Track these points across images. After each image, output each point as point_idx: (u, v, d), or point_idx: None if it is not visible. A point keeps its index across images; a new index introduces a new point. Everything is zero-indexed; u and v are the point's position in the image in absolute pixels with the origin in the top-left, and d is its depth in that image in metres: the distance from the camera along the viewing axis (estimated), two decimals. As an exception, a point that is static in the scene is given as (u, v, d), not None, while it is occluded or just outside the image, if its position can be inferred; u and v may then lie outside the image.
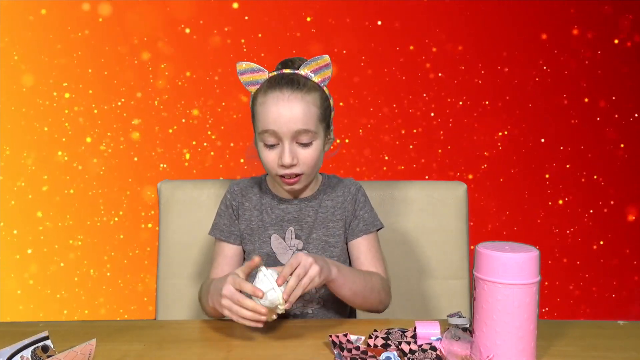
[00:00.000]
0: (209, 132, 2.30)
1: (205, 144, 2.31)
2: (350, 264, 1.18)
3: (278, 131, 1.03)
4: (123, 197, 2.31)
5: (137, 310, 2.30)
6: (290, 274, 0.91)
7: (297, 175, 1.07)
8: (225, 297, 0.91)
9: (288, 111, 1.02)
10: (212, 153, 2.31)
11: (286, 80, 1.04)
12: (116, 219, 2.32)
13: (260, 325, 0.90)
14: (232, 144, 2.30)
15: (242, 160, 1.21)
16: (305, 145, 1.05)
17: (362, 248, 1.15)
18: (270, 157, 1.06)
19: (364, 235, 1.15)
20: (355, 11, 2.26)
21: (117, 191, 2.31)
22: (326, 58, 1.06)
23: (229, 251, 1.16)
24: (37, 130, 2.28)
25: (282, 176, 1.07)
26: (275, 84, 1.04)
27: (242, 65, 1.07)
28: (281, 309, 0.91)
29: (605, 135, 2.29)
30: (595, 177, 2.30)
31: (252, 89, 1.08)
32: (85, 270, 2.32)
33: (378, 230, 1.18)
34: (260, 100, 1.06)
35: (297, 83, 1.04)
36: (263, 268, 0.92)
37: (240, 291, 0.91)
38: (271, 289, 0.89)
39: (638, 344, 0.93)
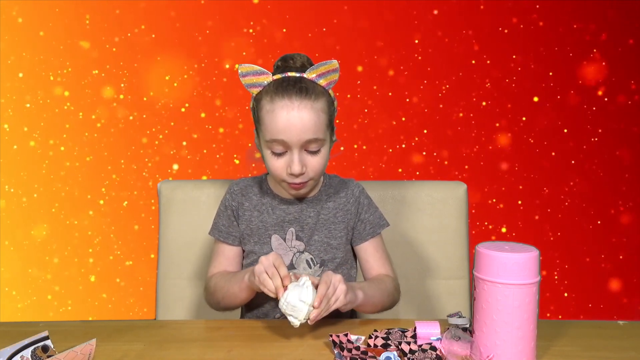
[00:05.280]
0: (209, 130, 2.30)
1: (205, 145, 2.30)
2: (356, 265, 1.19)
3: (288, 141, 1.01)
4: (123, 197, 2.31)
5: (137, 310, 2.30)
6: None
7: (304, 181, 1.06)
8: (262, 263, 0.93)
9: (298, 121, 0.99)
10: (214, 150, 2.31)
11: (294, 87, 1.01)
12: (117, 218, 2.31)
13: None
14: (216, 142, 2.30)
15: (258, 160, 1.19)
16: (314, 152, 1.04)
17: (370, 251, 1.16)
18: (277, 164, 1.04)
19: (371, 239, 1.16)
20: (356, 8, 2.25)
21: (117, 191, 2.31)
22: (334, 63, 1.03)
23: (228, 252, 1.16)
24: (34, 128, 2.27)
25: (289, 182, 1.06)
26: (282, 90, 1.01)
27: (244, 68, 1.03)
28: (301, 322, 0.91)
29: (606, 137, 2.29)
30: (596, 178, 2.30)
31: (255, 90, 1.05)
32: (85, 270, 2.31)
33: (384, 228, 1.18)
34: (267, 108, 1.02)
35: (305, 90, 1.01)
36: (308, 281, 0.92)
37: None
38: (304, 303, 0.89)
39: (638, 344, 0.93)
